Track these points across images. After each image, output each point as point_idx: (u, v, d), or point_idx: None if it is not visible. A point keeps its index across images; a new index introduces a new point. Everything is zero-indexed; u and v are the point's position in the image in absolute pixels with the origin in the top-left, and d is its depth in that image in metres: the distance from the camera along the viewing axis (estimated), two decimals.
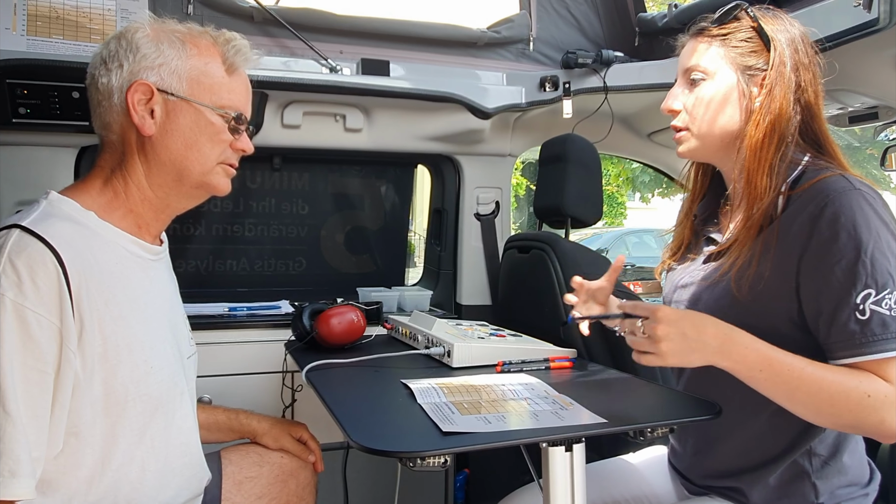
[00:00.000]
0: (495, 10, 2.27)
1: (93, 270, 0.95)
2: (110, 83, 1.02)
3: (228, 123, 1.07)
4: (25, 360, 0.86)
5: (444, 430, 0.93)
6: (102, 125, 1.06)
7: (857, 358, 0.96)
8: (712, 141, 1.14)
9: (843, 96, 1.63)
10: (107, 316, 0.95)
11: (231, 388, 1.86)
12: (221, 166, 1.09)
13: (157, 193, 1.06)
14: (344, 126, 1.98)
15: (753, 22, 1.11)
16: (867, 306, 0.95)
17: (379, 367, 1.39)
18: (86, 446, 0.94)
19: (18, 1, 1.63)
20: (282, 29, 1.86)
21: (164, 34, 1.04)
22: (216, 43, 1.07)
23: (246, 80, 1.12)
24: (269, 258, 2.24)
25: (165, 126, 1.03)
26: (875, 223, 0.97)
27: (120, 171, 1.05)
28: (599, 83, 2.00)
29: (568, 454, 0.97)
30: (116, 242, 1.03)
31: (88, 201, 1.02)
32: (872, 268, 0.95)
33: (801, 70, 1.09)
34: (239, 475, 1.31)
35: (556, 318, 1.78)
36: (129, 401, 0.97)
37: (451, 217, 2.31)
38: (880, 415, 0.93)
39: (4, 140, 1.70)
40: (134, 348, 0.98)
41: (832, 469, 1.10)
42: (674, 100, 1.16)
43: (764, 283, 1.04)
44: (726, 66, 1.11)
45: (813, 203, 1.01)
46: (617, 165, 13.32)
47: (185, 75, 1.04)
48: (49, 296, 0.88)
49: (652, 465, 1.36)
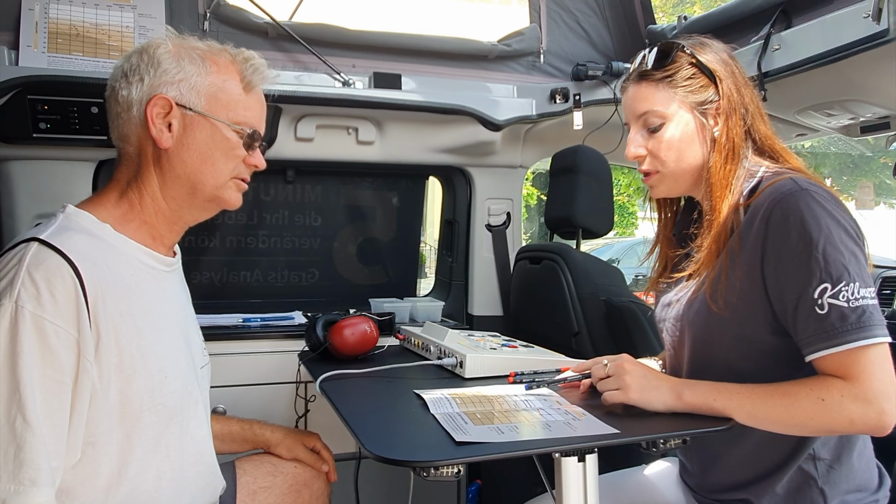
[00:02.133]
0: (506, 23, 2.30)
1: (108, 282, 0.96)
2: (130, 96, 1.05)
3: (243, 139, 1.09)
4: (45, 371, 0.88)
5: (457, 440, 0.93)
6: (120, 137, 1.08)
7: (821, 352, 0.99)
8: (684, 177, 1.17)
9: (855, 106, 1.63)
10: (122, 327, 0.96)
11: (245, 398, 1.87)
12: (234, 181, 1.11)
13: (170, 205, 1.08)
14: (356, 139, 2.00)
15: (692, 58, 1.13)
16: (825, 300, 0.97)
17: (392, 377, 1.40)
18: (102, 455, 0.95)
19: (40, 19, 1.67)
20: (295, 44, 1.89)
21: (185, 51, 1.07)
22: (235, 61, 1.10)
23: (262, 97, 1.14)
24: (283, 269, 2.26)
25: (182, 140, 1.06)
26: (824, 220, 0.99)
27: (136, 184, 1.07)
28: (609, 94, 2.02)
29: (581, 465, 0.97)
30: (131, 254, 1.05)
31: (104, 214, 1.04)
32: (825, 262, 0.97)
33: (743, 89, 1.14)
34: (253, 485, 1.32)
35: (567, 328, 1.78)
36: (143, 410, 0.99)
37: (462, 228, 2.32)
38: (843, 415, 0.97)
39: (25, 154, 1.74)
40: (148, 358, 1.00)
41: (839, 474, 1.10)
42: (637, 146, 1.18)
43: (737, 294, 1.07)
44: (680, 106, 1.14)
45: (763, 207, 1.04)
46: (628, 175, 13.27)
47: (204, 91, 1.06)
48: (67, 307, 0.90)
49: (665, 477, 1.36)
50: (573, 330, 1.77)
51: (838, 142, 9.57)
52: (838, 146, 10.40)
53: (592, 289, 1.78)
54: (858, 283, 0.97)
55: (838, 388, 0.97)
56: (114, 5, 1.74)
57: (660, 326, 1.28)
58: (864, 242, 1.03)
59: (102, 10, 1.73)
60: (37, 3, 1.67)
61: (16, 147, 1.70)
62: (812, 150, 10.32)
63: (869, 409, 0.96)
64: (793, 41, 1.51)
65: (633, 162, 1.20)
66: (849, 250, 0.99)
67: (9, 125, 1.64)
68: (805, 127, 1.88)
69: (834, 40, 1.38)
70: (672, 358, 1.24)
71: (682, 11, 2.26)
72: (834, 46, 1.38)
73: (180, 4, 1.82)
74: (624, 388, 1.08)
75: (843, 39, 1.36)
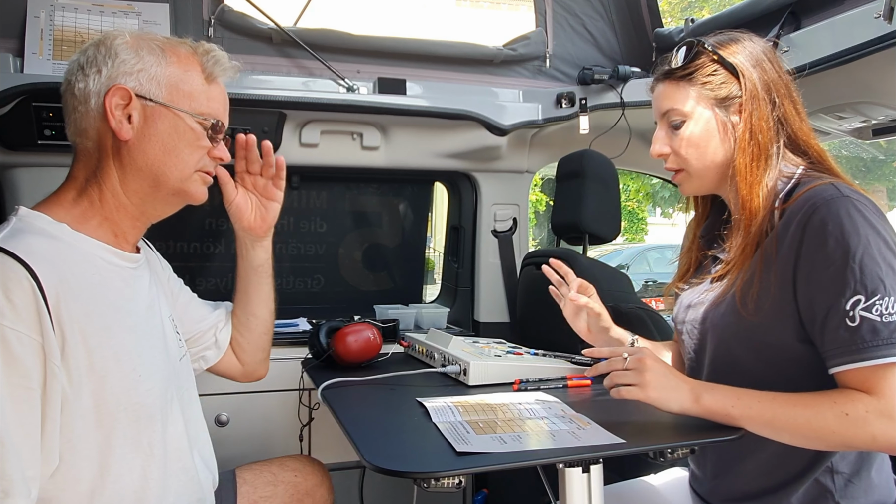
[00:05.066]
0: (511, 27, 2.28)
1: (70, 283, 0.93)
2: (87, 88, 1.02)
3: (207, 130, 1.07)
4: (10, 380, 0.85)
5: (458, 450, 0.91)
6: (77, 132, 1.05)
7: (848, 365, 0.95)
8: (709, 175, 1.16)
9: (866, 109, 1.60)
10: (89, 328, 0.93)
11: (248, 406, 1.86)
12: (199, 174, 1.09)
13: (132, 200, 1.05)
14: (361, 144, 1.99)
15: (713, 55, 1.12)
16: (857, 313, 0.94)
17: (395, 385, 1.38)
18: (82, 460, 0.93)
19: (45, 26, 1.68)
20: (300, 50, 1.89)
21: (143, 42, 1.05)
22: (195, 53, 1.08)
23: (224, 90, 1.12)
24: (288, 276, 2.25)
25: (143, 131, 1.03)
26: (864, 229, 0.96)
27: (94, 180, 1.04)
28: (616, 99, 2.00)
29: (585, 475, 0.95)
30: (92, 253, 1.01)
31: (61, 213, 1.01)
32: (861, 274, 0.95)
33: (773, 86, 1.11)
34: (254, 494, 1.31)
35: (574, 335, 1.75)
36: (120, 411, 0.96)
37: (468, 234, 2.30)
38: (867, 430, 0.93)
39: (30, 161, 1.74)
40: (121, 357, 0.97)
41: (857, 488, 1.07)
42: (661, 144, 1.18)
43: (769, 300, 1.04)
44: (701, 104, 1.13)
45: (802, 212, 1.01)
46: (636, 181, 13.24)
47: (165, 81, 1.04)
48: (27, 312, 0.87)
49: (673, 487, 1.33)
50: (580, 336, 1.74)
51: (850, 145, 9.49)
52: (850, 149, 10.31)
53: (599, 294, 1.75)
54: (894, 297, 0.94)
55: (864, 404, 0.94)
56: (118, 13, 1.75)
57: (679, 328, 1.25)
58: None
59: (107, 18, 1.74)
60: (42, 10, 1.68)
61: (21, 154, 1.71)
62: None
63: (893, 427, 0.93)
64: (802, 43, 1.49)
65: (642, 166, 1.19)
66: (886, 263, 0.96)
67: (14, 132, 1.64)
68: (816, 130, 1.83)
69: (844, 41, 1.36)
70: (692, 361, 1.22)
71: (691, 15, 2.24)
72: (845, 48, 1.36)
73: (184, 11, 1.82)
74: (642, 386, 1.01)
75: (853, 40, 1.34)
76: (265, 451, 1.76)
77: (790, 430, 0.98)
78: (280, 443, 1.85)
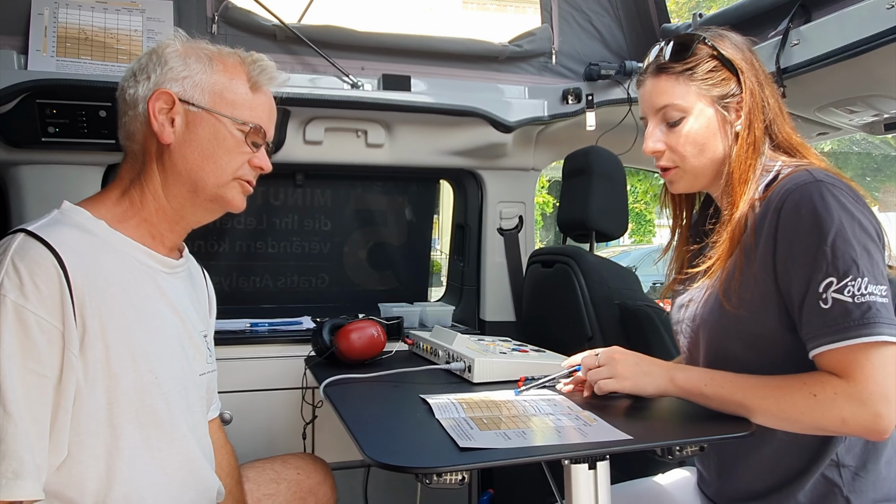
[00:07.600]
0: (517, 24, 2.27)
1: (97, 277, 0.95)
2: (136, 94, 1.05)
3: (248, 138, 1.07)
4: (24, 363, 0.86)
5: (461, 446, 0.90)
6: (126, 135, 1.08)
7: (821, 348, 0.95)
8: (703, 171, 1.14)
9: (878, 102, 1.57)
10: (110, 323, 0.94)
11: (251, 404, 1.85)
12: (237, 181, 1.09)
13: (172, 204, 1.07)
14: (366, 142, 1.98)
15: (713, 51, 1.10)
16: (829, 295, 0.94)
17: (398, 382, 1.36)
18: (89, 458, 0.93)
19: (49, 23, 1.68)
20: (304, 46, 1.88)
21: (192, 50, 1.07)
22: (243, 62, 1.09)
23: (270, 99, 1.13)
24: (292, 274, 2.24)
25: (184, 136, 1.05)
26: (837, 212, 0.96)
27: (138, 182, 1.07)
28: (623, 94, 1.98)
29: (591, 472, 0.93)
30: (126, 252, 1.03)
31: (102, 211, 1.03)
32: (833, 256, 0.94)
33: (764, 83, 1.11)
34: (257, 492, 1.30)
35: (580, 333, 1.74)
36: (132, 412, 0.96)
37: (473, 232, 2.28)
38: (835, 413, 0.93)
39: (34, 159, 1.73)
40: (137, 357, 0.97)
41: (865, 482, 1.05)
42: (655, 141, 1.14)
43: (752, 290, 1.03)
44: (701, 100, 1.10)
45: (777, 198, 1.01)
46: (644, 182, 13.16)
47: (209, 88, 1.05)
48: (51, 298, 0.88)
49: (681, 488, 1.31)
50: (587, 334, 1.72)
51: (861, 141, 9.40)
52: (861, 146, 10.21)
53: (606, 292, 1.73)
54: (867, 278, 0.93)
55: (832, 386, 0.94)
56: (122, 9, 1.74)
57: (675, 328, 1.25)
58: (883, 239, 0.99)
59: (111, 14, 1.74)
60: (46, 7, 1.68)
61: (25, 151, 1.70)
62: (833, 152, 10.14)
63: (863, 410, 0.92)
64: (812, 35, 1.47)
65: (649, 162, 1.18)
66: (861, 245, 0.95)
67: (18, 129, 1.64)
68: (826, 125, 1.82)
69: (855, 33, 1.34)
70: (688, 359, 1.21)
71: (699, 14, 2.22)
72: (856, 39, 1.33)
73: (188, 8, 1.81)
74: (617, 377, 1.09)
75: (865, 32, 1.31)
76: (268, 448, 1.75)
77: (762, 410, 0.99)
78: (283, 441, 1.84)
